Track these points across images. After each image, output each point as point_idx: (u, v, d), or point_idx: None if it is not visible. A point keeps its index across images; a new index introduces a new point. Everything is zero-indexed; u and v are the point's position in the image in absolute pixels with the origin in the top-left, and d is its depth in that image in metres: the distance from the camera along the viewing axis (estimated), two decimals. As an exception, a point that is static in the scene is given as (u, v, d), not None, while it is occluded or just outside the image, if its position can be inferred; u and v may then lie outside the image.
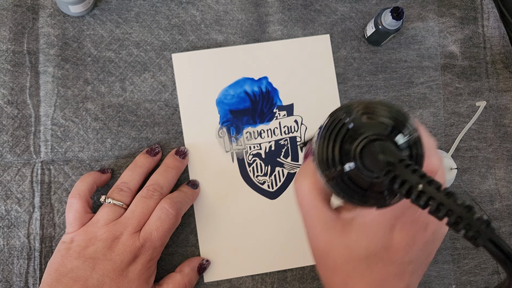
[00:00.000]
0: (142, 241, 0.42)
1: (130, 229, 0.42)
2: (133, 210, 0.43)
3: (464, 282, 0.52)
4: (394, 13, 0.48)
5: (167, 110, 0.51)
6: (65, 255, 0.42)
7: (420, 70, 0.54)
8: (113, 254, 0.41)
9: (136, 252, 0.42)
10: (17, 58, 0.50)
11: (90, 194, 0.46)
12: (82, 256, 0.41)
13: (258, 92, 0.52)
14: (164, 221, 0.43)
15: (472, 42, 0.55)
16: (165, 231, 0.43)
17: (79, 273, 0.40)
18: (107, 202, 0.44)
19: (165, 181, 0.46)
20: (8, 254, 0.48)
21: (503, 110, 0.55)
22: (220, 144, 0.51)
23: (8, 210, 0.48)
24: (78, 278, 0.40)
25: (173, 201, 0.44)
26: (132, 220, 0.43)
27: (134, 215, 0.43)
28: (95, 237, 0.42)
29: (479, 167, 0.54)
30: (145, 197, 0.44)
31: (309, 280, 0.50)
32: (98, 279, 0.40)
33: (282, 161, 0.52)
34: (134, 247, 0.42)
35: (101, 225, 0.42)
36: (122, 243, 0.42)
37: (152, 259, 0.43)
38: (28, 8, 0.51)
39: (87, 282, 0.40)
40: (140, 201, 0.44)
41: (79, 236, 0.43)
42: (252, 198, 0.51)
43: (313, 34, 0.53)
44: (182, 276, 0.46)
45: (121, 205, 0.44)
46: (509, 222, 0.53)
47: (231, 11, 0.53)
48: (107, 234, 0.42)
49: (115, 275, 0.41)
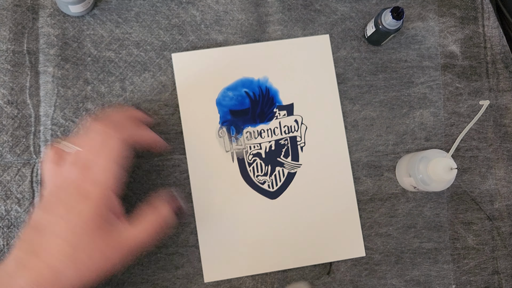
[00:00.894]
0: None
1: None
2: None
3: (464, 282, 0.52)
4: (394, 13, 0.48)
5: (167, 110, 0.51)
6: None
7: (421, 70, 0.54)
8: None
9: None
10: (17, 58, 0.50)
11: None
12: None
13: (258, 92, 0.52)
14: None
15: (472, 42, 0.55)
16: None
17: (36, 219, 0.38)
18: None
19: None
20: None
21: (503, 110, 0.55)
22: (220, 144, 0.51)
23: (8, 210, 0.48)
24: (36, 224, 0.38)
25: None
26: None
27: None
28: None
29: (479, 167, 0.54)
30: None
31: (310, 279, 0.50)
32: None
33: (282, 160, 0.52)
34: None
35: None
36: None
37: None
38: (28, 8, 0.51)
39: (39, 226, 0.38)
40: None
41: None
42: (252, 198, 0.51)
43: (313, 34, 0.53)
44: (158, 215, 0.42)
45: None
46: (509, 222, 0.53)
47: (231, 11, 0.53)
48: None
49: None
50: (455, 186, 0.53)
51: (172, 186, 0.50)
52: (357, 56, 0.54)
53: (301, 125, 0.52)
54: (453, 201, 0.53)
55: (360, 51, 0.54)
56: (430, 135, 0.53)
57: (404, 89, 0.54)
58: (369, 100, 0.53)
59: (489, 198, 0.53)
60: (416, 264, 0.51)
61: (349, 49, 0.54)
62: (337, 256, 0.51)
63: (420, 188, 0.48)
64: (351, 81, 0.53)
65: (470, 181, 0.53)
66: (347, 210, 0.51)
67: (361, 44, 0.54)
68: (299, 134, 0.52)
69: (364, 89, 0.53)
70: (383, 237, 0.51)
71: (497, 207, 0.53)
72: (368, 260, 0.51)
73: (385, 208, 0.52)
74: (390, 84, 0.54)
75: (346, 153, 0.52)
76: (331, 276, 0.51)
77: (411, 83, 0.54)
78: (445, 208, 0.52)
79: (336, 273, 0.51)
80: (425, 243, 0.52)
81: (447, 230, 0.52)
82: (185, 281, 0.49)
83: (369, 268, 0.51)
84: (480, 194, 0.53)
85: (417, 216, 0.52)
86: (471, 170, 0.53)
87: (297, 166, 0.52)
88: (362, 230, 0.51)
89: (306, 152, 0.52)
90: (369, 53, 0.54)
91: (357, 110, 0.53)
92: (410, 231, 0.52)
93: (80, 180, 0.38)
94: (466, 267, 0.52)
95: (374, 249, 0.51)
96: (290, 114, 0.52)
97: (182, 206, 0.44)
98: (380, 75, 0.54)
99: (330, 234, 0.51)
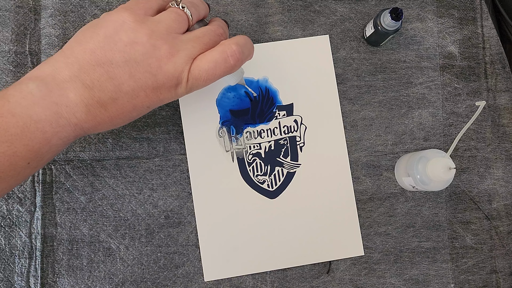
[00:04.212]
0: (190, 76, 0.37)
1: (188, 53, 0.36)
2: (199, 36, 0.38)
3: (463, 281, 0.52)
4: (393, 13, 0.48)
5: (168, 110, 0.52)
6: (103, 41, 0.35)
7: (419, 70, 0.54)
8: (159, 71, 0.36)
9: (179, 81, 0.37)
10: (19, 59, 0.51)
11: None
12: (125, 52, 0.35)
13: (258, 92, 0.52)
14: (218, 66, 0.37)
15: (471, 43, 0.56)
16: (214, 76, 0.38)
17: (116, 72, 0.35)
18: (179, 7, 0.38)
19: (226, 31, 0.41)
20: (10, 254, 0.48)
21: (501, 110, 0.55)
22: (220, 144, 0.51)
23: (9, 210, 0.49)
24: (114, 76, 0.35)
25: (239, 50, 0.38)
26: (195, 44, 0.37)
27: (200, 41, 0.37)
28: (152, 37, 0.35)
29: (478, 166, 0.54)
30: (214, 32, 0.39)
31: (309, 278, 0.51)
32: (134, 89, 0.36)
33: (281, 160, 0.52)
34: (180, 76, 0.36)
35: (163, 30, 0.36)
36: (173, 64, 0.36)
37: (183, 95, 0.39)
38: (30, 9, 0.51)
39: (121, 87, 0.35)
40: (209, 31, 0.38)
41: (134, 24, 0.35)
42: (252, 198, 0.51)
43: (312, 34, 0.54)
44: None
45: (190, 19, 0.38)
46: (507, 222, 0.53)
47: (231, 12, 0.53)
48: (166, 45, 0.36)
49: (151, 93, 0.36)
50: (454, 186, 0.53)
51: (173, 186, 0.51)
52: (356, 57, 0.54)
53: (301, 125, 0.52)
54: (451, 200, 0.53)
55: (359, 51, 0.54)
56: (428, 135, 0.54)
57: (403, 89, 0.54)
58: (368, 100, 0.53)
59: (487, 198, 0.53)
60: (415, 263, 0.52)
61: (348, 49, 0.54)
62: (336, 255, 0.51)
63: (418, 187, 0.48)
64: (350, 82, 0.53)
65: (469, 180, 0.54)
66: (346, 209, 0.52)
67: (360, 45, 0.54)
68: (298, 134, 0.52)
69: (363, 90, 0.54)
70: (382, 236, 0.52)
71: (495, 207, 0.53)
72: (367, 259, 0.51)
73: (384, 208, 0.52)
74: (389, 84, 0.54)
75: (345, 153, 0.52)
76: (331, 275, 0.51)
77: (410, 83, 0.54)
78: (443, 208, 0.53)
79: (336, 272, 0.51)
80: (424, 242, 0.52)
81: (445, 230, 0.52)
82: (185, 280, 0.49)
83: (368, 267, 0.51)
84: (479, 193, 0.53)
85: (416, 216, 0.52)
86: (470, 170, 0.54)
87: (296, 166, 0.52)
88: (361, 229, 0.51)
89: (305, 152, 0.52)
90: (368, 53, 0.54)
91: (356, 110, 0.53)
92: (409, 231, 0.52)
93: (182, 69, 0.36)
94: (465, 266, 0.52)
95: (373, 248, 0.52)
96: (289, 114, 0.52)
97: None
98: (379, 75, 0.54)
99: (329, 233, 0.51)
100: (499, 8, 0.62)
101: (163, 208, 0.50)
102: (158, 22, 0.36)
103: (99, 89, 0.35)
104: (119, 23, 0.35)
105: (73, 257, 0.49)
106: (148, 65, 0.35)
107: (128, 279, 0.49)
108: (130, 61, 0.35)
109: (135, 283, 0.49)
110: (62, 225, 0.49)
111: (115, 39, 0.35)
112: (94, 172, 0.50)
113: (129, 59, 0.35)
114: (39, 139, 0.33)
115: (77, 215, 0.49)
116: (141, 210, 0.50)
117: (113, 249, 0.49)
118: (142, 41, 0.35)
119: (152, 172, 0.51)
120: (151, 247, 0.50)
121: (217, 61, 0.37)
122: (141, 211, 0.50)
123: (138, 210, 0.50)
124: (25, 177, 0.35)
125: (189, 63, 0.37)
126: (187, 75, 0.37)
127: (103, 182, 0.50)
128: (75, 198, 0.50)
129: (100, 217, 0.50)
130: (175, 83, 0.37)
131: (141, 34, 0.35)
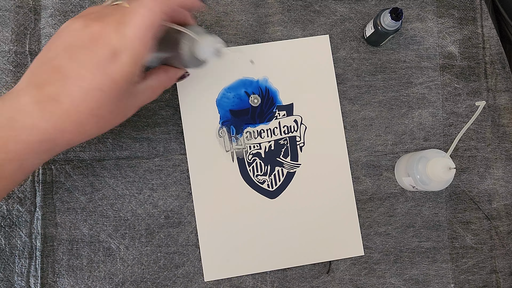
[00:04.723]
0: (124, 40, 0.37)
1: (116, 18, 0.38)
2: (123, 5, 0.39)
3: (463, 281, 0.52)
4: (393, 13, 0.48)
5: (168, 110, 0.52)
6: (49, 44, 0.38)
7: (419, 70, 0.54)
8: (94, 44, 0.36)
9: (115, 48, 0.37)
10: (19, 59, 0.51)
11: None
12: (65, 42, 0.37)
13: (258, 92, 0.52)
14: (146, 18, 0.37)
15: (471, 43, 0.56)
16: (147, 28, 0.37)
17: (59, 62, 0.36)
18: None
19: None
20: (10, 254, 0.48)
21: (501, 110, 0.55)
22: (220, 144, 0.51)
23: (9, 210, 0.49)
24: (57, 65, 0.36)
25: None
26: (123, 11, 0.38)
27: (124, 7, 0.39)
28: (85, 21, 0.37)
29: (478, 166, 0.54)
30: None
31: (309, 278, 0.51)
32: (76, 70, 0.36)
33: (281, 160, 0.52)
34: (113, 42, 0.37)
35: (94, 15, 0.38)
36: (105, 34, 0.37)
37: (133, 66, 0.38)
38: (30, 9, 0.51)
39: (66, 72, 0.36)
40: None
41: (77, 24, 0.38)
42: (252, 198, 0.51)
43: (312, 34, 0.54)
44: (167, 75, 0.43)
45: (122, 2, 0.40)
46: (507, 222, 0.53)
47: (231, 12, 0.53)
48: (97, 23, 0.37)
49: (95, 69, 0.36)
50: (454, 186, 0.53)
51: (173, 186, 0.51)
52: (356, 57, 0.54)
53: (301, 125, 0.52)
54: (451, 200, 0.53)
55: (359, 51, 0.54)
56: (428, 135, 0.54)
57: (403, 89, 0.54)
58: (368, 100, 0.53)
59: (487, 198, 0.53)
60: (415, 263, 0.52)
61: (348, 49, 0.54)
62: (336, 255, 0.51)
63: (418, 187, 0.48)
64: (350, 82, 0.53)
65: (469, 180, 0.54)
66: (346, 209, 0.52)
67: (360, 45, 0.54)
68: (298, 134, 0.52)
69: (363, 90, 0.54)
70: (382, 236, 0.52)
71: (495, 207, 0.53)
72: (367, 259, 0.51)
73: (384, 208, 0.52)
74: (389, 84, 0.54)
75: (345, 153, 0.52)
76: (331, 275, 0.51)
77: (410, 83, 0.54)
78: (443, 208, 0.53)
79: (336, 272, 0.51)
80: (424, 242, 0.52)
81: (445, 230, 0.52)
82: (185, 280, 0.50)
83: (368, 267, 0.51)
84: (479, 193, 0.53)
85: (416, 216, 0.52)
86: (470, 169, 0.54)
87: (296, 166, 0.52)
88: (361, 229, 0.52)
89: (305, 152, 0.52)
90: (368, 53, 0.54)
91: (356, 110, 0.53)
92: (409, 230, 0.52)
93: (113, 36, 0.36)
94: (465, 266, 0.52)
95: (373, 248, 0.52)
96: (289, 114, 0.52)
97: (186, 75, 0.45)
98: (379, 75, 0.54)
99: (329, 233, 0.51)
100: (499, 8, 0.62)
101: (163, 208, 0.50)
102: (92, 12, 0.39)
103: (49, 83, 0.36)
104: (66, 25, 0.38)
105: (73, 257, 0.49)
106: (82, 41, 0.37)
107: (128, 279, 0.49)
108: (68, 46, 0.37)
109: (135, 283, 0.49)
110: (62, 225, 0.49)
111: (59, 38, 0.38)
112: (94, 172, 0.50)
113: (67, 45, 0.37)
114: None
115: (77, 215, 0.49)
116: (141, 210, 0.50)
117: (113, 249, 0.49)
118: (76, 27, 0.37)
119: (152, 172, 0.51)
120: (151, 247, 0.50)
121: (143, 15, 0.37)
122: (141, 211, 0.50)
123: (138, 210, 0.50)
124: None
125: (120, 28, 0.37)
126: (121, 40, 0.36)
127: (103, 182, 0.50)
128: (75, 198, 0.50)
129: (100, 217, 0.50)
130: (113, 52, 0.36)
131: (77, 23, 0.38)
